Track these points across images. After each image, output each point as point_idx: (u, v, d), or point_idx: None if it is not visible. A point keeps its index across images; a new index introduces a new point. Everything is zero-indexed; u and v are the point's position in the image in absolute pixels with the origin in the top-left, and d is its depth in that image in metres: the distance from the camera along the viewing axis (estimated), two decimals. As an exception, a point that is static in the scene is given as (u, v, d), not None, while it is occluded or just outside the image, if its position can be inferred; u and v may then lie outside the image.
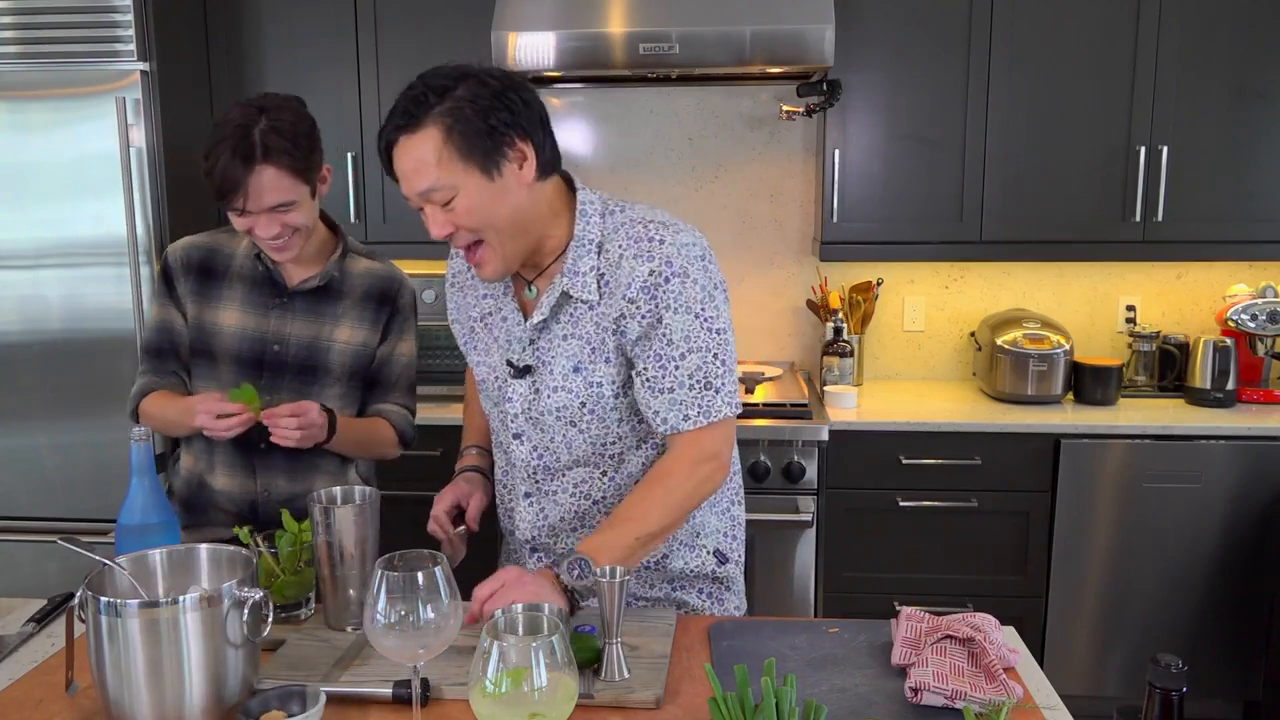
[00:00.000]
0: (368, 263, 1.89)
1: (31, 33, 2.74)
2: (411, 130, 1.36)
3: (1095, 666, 2.94)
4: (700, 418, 1.45)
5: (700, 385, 1.45)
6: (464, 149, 1.36)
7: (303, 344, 1.83)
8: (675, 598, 1.63)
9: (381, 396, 1.90)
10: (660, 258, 1.43)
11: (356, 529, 1.43)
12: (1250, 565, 2.86)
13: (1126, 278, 3.36)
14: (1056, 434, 2.84)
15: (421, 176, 1.37)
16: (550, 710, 1.02)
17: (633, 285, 1.44)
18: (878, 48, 2.98)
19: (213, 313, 1.83)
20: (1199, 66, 2.92)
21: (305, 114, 1.72)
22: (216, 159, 1.64)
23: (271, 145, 1.64)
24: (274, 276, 1.83)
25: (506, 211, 1.41)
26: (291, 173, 1.67)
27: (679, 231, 1.46)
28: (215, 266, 1.85)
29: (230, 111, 1.69)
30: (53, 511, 2.88)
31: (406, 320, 1.92)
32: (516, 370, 1.52)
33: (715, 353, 1.46)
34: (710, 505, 1.62)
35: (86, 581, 1.19)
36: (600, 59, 2.79)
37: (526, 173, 1.41)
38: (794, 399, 2.91)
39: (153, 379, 1.87)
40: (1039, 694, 1.29)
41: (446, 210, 1.39)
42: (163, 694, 1.13)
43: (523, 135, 1.39)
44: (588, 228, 1.47)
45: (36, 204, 2.79)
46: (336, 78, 3.07)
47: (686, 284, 1.44)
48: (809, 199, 3.40)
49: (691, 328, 1.44)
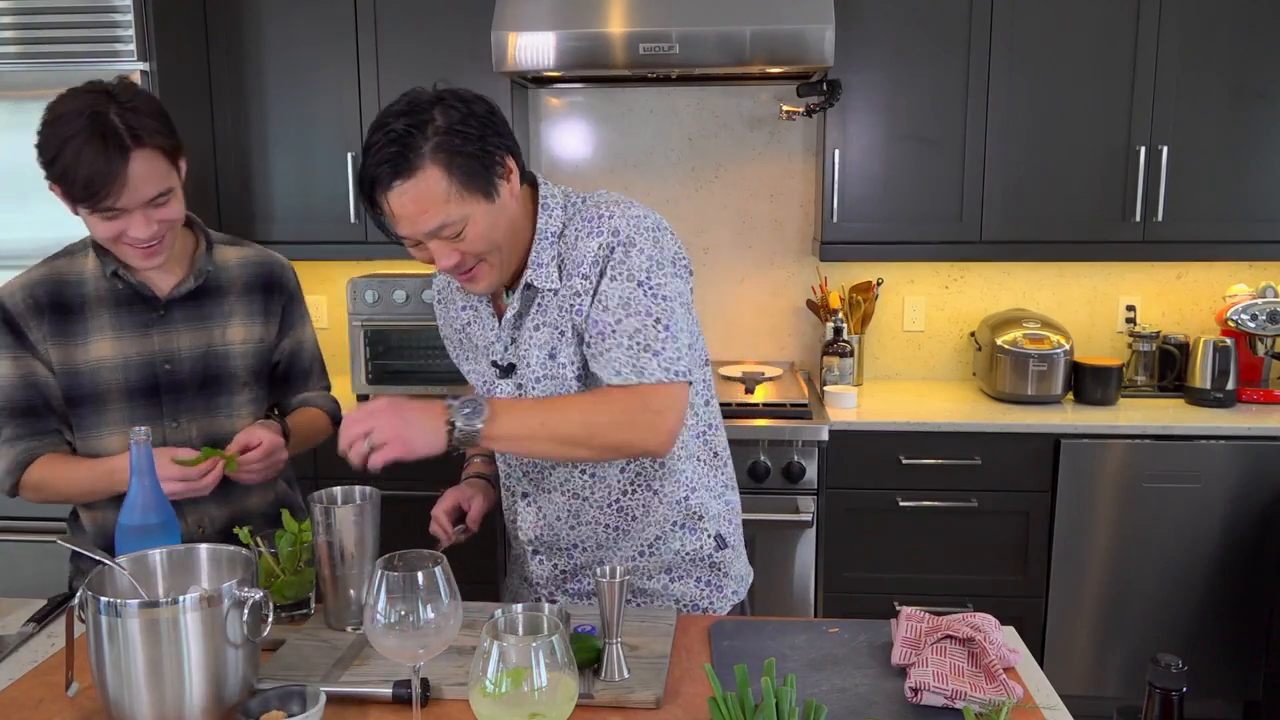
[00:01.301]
0: (238, 251, 1.74)
1: (31, 33, 2.74)
2: (408, 175, 1.33)
3: (1095, 666, 2.94)
4: (631, 375, 1.40)
5: (638, 347, 1.41)
6: (466, 180, 1.35)
7: (196, 356, 1.66)
8: (673, 590, 1.63)
9: (301, 386, 1.81)
10: (608, 230, 1.44)
11: (356, 529, 1.43)
12: (1250, 565, 2.85)
13: (1126, 278, 3.36)
14: (1056, 434, 2.84)
15: (430, 216, 1.35)
16: (550, 710, 1.02)
17: (584, 262, 1.44)
18: (878, 48, 2.98)
19: (82, 351, 1.61)
20: (1199, 66, 2.92)
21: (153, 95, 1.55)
22: (76, 155, 1.42)
23: (140, 127, 1.45)
24: (140, 291, 1.62)
25: (506, 227, 1.42)
26: (166, 157, 1.50)
27: (630, 207, 1.46)
28: (68, 299, 1.61)
29: (63, 103, 1.48)
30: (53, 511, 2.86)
31: (301, 303, 1.80)
32: (501, 370, 1.54)
33: (657, 318, 1.41)
34: (708, 488, 1.62)
35: (86, 581, 1.19)
36: (600, 59, 2.78)
37: (514, 184, 1.42)
38: (794, 399, 2.91)
39: (30, 444, 1.61)
40: (1039, 694, 1.29)
41: (455, 241, 1.38)
42: (163, 694, 1.13)
43: (505, 150, 1.40)
44: (549, 220, 1.48)
45: (36, 204, 2.78)
46: (336, 78, 3.06)
47: (631, 252, 1.43)
48: (809, 199, 3.40)
49: (632, 294, 1.42)
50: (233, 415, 1.70)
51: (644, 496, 1.57)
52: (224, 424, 1.69)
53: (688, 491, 1.59)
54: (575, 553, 1.61)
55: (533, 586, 1.66)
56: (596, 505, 1.57)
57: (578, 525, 1.58)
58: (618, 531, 1.58)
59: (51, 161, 1.45)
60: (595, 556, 1.60)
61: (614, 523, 1.58)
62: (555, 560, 1.62)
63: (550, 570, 1.63)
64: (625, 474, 1.56)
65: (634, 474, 1.56)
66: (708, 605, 1.65)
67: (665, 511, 1.58)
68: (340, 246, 3.14)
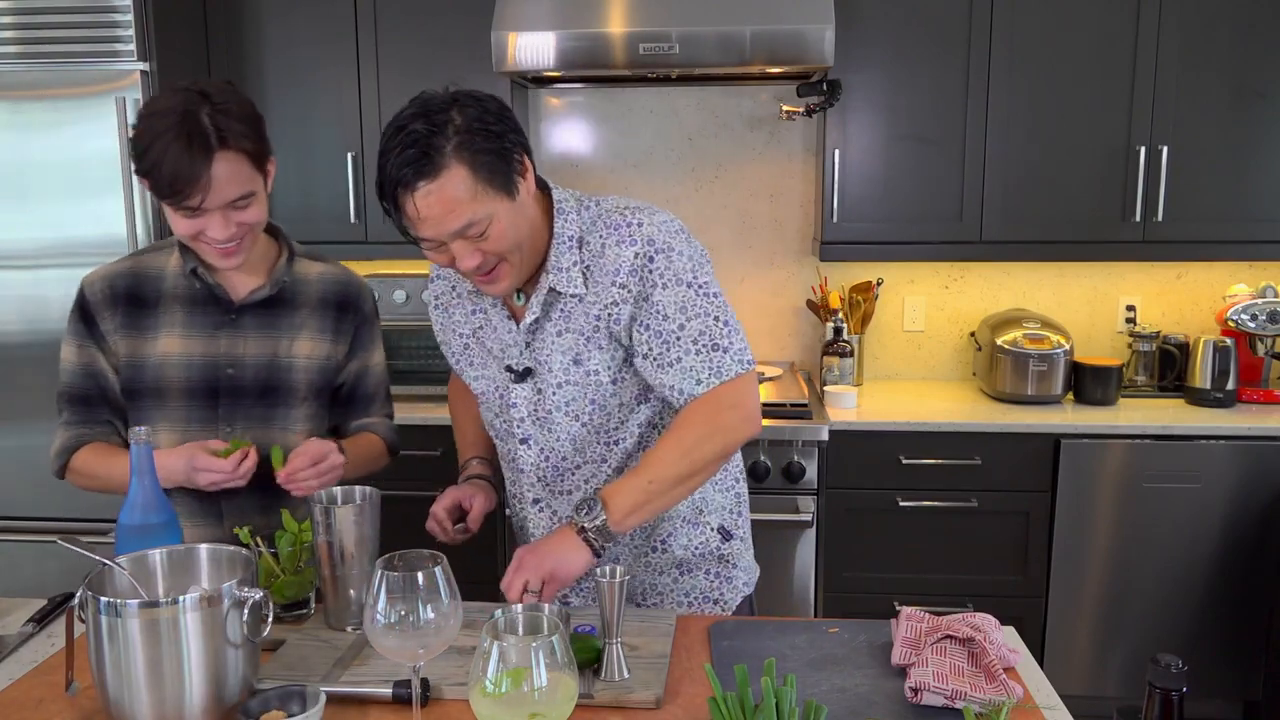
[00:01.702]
0: (319, 266, 1.74)
1: (31, 33, 2.74)
2: (433, 175, 1.32)
3: (1095, 666, 2.94)
4: (713, 378, 1.45)
5: (707, 348, 1.45)
6: (489, 178, 1.35)
7: (260, 364, 1.65)
8: (683, 584, 1.63)
9: (363, 411, 1.78)
10: (643, 239, 1.45)
11: (356, 529, 1.43)
12: (1250, 565, 2.85)
13: (1126, 278, 3.36)
14: (1056, 434, 2.84)
15: (456, 216, 1.34)
16: (550, 710, 1.02)
17: (620, 271, 1.45)
18: (878, 48, 2.98)
19: (150, 345, 1.63)
20: (1199, 66, 2.92)
21: (248, 98, 1.57)
22: (163, 152, 1.44)
23: (227, 130, 1.47)
24: (216, 293, 1.63)
25: (526, 226, 1.43)
26: (251, 161, 1.51)
27: (654, 213, 1.49)
28: (144, 293, 1.64)
29: (160, 100, 1.49)
30: (53, 511, 2.88)
31: (374, 328, 1.78)
32: (517, 375, 1.53)
33: (716, 315, 1.46)
34: (714, 483, 1.63)
35: (86, 581, 1.19)
36: (600, 59, 2.78)
37: (530, 184, 1.42)
38: (794, 399, 2.91)
39: (81, 430, 1.64)
40: (1039, 694, 1.29)
41: (479, 241, 1.37)
42: (163, 694, 1.13)
43: (521, 148, 1.40)
44: (566, 224, 1.48)
45: (36, 204, 2.79)
46: (336, 78, 3.06)
47: (673, 258, 1.45)
48: (809, 199, 3.40)
49: (686, 297, 1.45)
50: (288, 428, 1.67)
51: None
52: (278, 436, 1.66)
53: None
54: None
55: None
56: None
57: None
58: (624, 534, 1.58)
59: (141, 156, 1.47)
60: (607, 555, 1.59)
61: None
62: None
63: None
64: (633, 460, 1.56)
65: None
66: (718, 597, 1.65)
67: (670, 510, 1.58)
68: (340, 246, 3.14)
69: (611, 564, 1.44)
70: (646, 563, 1.62)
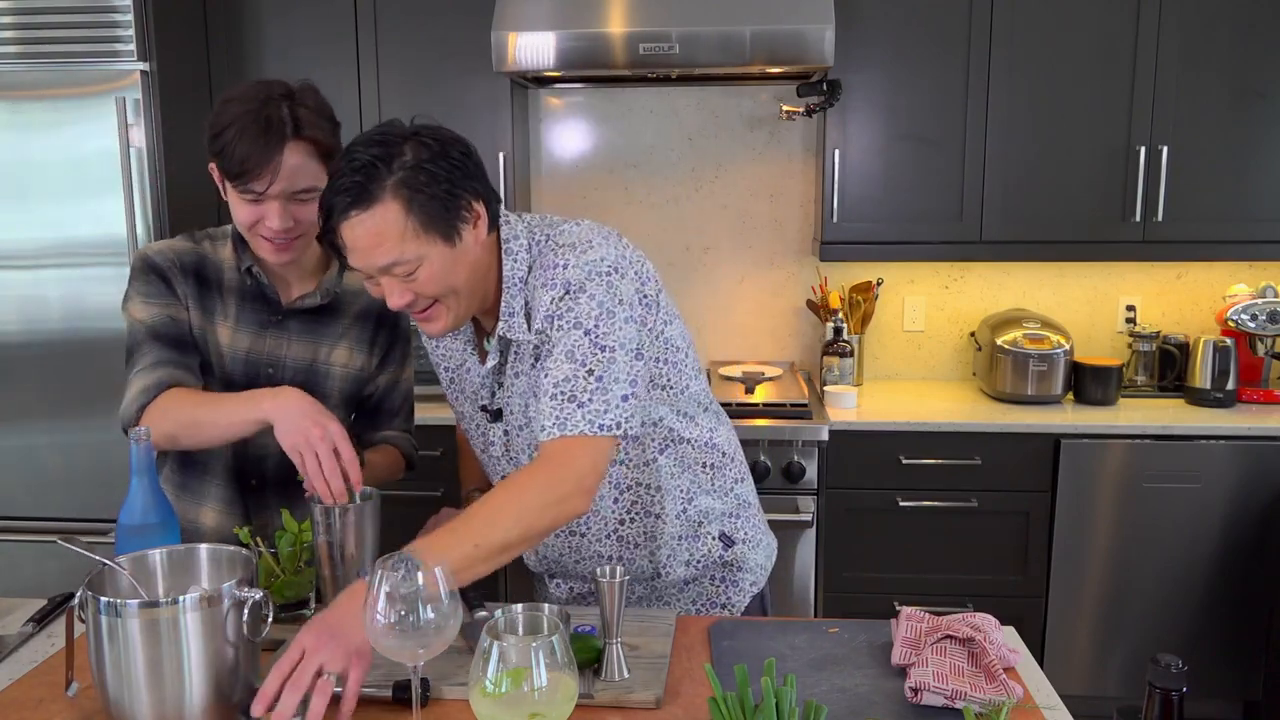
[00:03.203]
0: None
1: (31, 33, 2.74)
2: (366, 206, 1.28)
3: (1095, 666, 2.94)
4: (554, 429, 1.33)
5: (563, 396, 1.34)
6: (424, 220, 1.30)
7: (299, 368, 1.66)
8: (688, 591, 1.64)
9: (386, 423, 1.78)
10: (560, 282, 1.39)
11: (356, 529, 1.43)
12: (1250, 565, 2.85)
13: (1126, 278, 3.36)
14: (1056, 434, 2.84)
15: (383, 252, 1.30)
16: (550, 710, 1.02)
17: (540, 315, 1.40)
18: (878, 48, 2.98)
19: (211, 327, 1.63)
20: (1199, 66, 2.92)
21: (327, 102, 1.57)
22: (240, 132, 1.45)
23: (304, 121, 1.48)
24: (267, 293, 1.64)
25: (466, 273, 1.37)
26: (321, 156, 1.51)
27: (588, 250, 1.40)
28: (208, 275, 1.64)
29: (242, 88, 1.50)
30: (53, 511, 2.88)
31: (408, 345, 1.78)
32: (491, 415, 1.53)
33: (591, 368, 1.35)
34: (710, 490, 1.60)
35: (86, 581, 1.19)
36: (600, 59, 2.78)
37: (480, 230, 1.37)
38: (794, 399, 2.91)
39: (174, 371, 1.55)
40: (1039, 694, 1.29)
41: (407, 281, 1.33)
42: (163, 694, 1.13)
43: (475, 194, 1.35)
44: (515, 266, 1.43)
45: (36, 204, 2.79)
46: (336, 78, 3.06)
47: (580, 300, 1.37)
48: (809, 199, 3.40)
49: (575, 342, 1.36)
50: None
51: (644, 522, 1.56)
52: None
53: (684, 504, 1.58)
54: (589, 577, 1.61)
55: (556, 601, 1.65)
56: (594, 538, 1.57)
57: (581, 559, 1.59)
58: (621, 560, 1.58)
59: (216, 136, 1.47)
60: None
61: (614, 552, 1.58)
62: (571, 584, 1.64)
63: (567, 592, 1.65)
64: (619, 504, 1.55)
65: (630, 502, 1.55)
66: (725, 601, 1.65)
67: (668, 529, 1.57)
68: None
69: (612, 564, 1.45)
70: (651, 586, 1.62)
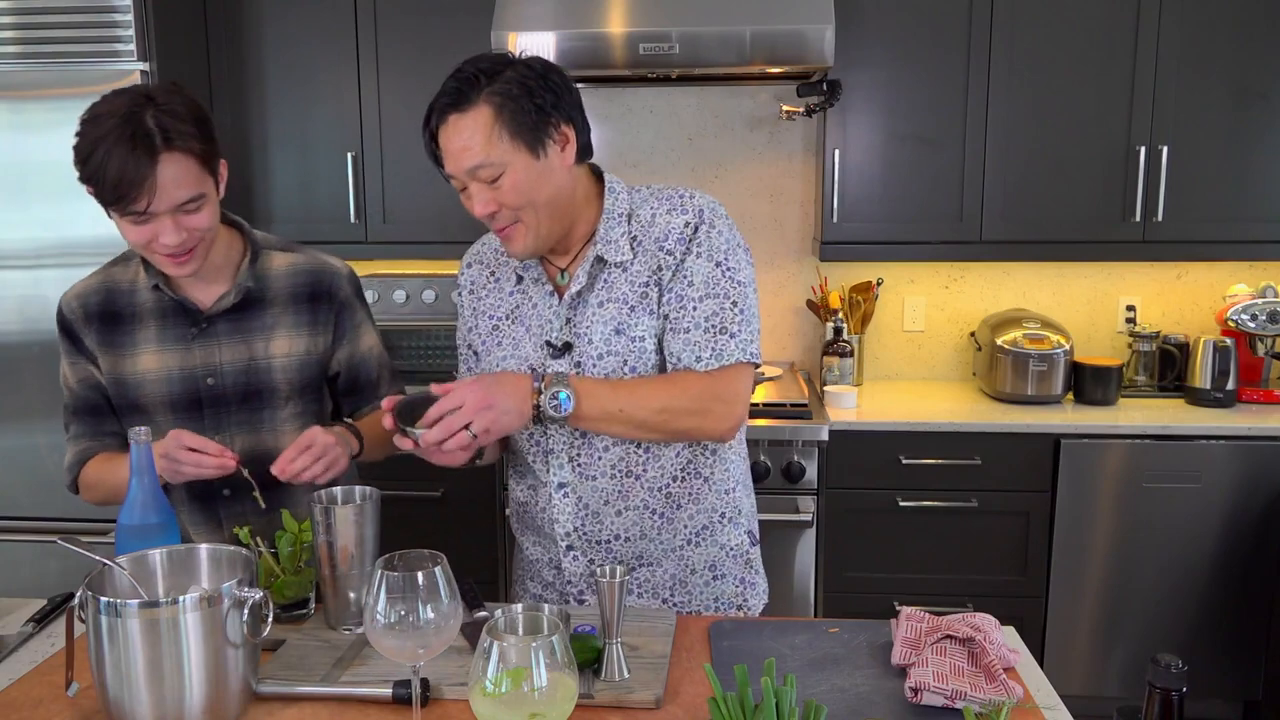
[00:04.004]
0: (287, 257, 1.69)
1: (31, 33, 2.74)
2: (462, 109, 1.39)
3: (1095, 666, 2.94)
4: (712, 360, 1.48)
5: (715, 329, 1.49)
6: (513, 128, 1.40)
7: (238, 370, 1.63)
8: (713, 589, 1.63)
9: (371, 396, 1.75)
10: (693, 209, 1.51)
11: (356, 529, 1.43)
12: (1250, 565, 2.85)
13: (1126, 278, 3.36)
14: (1056, 434, 2.84)
15: (471, 154, 1.40)
16: (550, 710, 1.02)
17: (669, 237, 1.50)
18: (878, 48, 2.98)
19: (129, 362, 1.62)
20: (1199, 66, 2.92)
21: (195, 98, 1.52)
22: (107, 155, 1.39)
23: (173, 130, 1.42)
24: (184, 304, 1.61)
25: (549, 191, 1.45)
26: (200, 162, 1.46)
27: (705, 195, 1.56)
28: (118, 309, 1.62)
29: (102, 104, 1.44)
30: (53, 511, 2.87)
31: (357, 311, 1.73)
32: (556, 350, 1.53)
33: (734, 300, 1.50)
34: (744, 485, 1.67)
35: (86, 581, 1.18)
36: (600, 59, 2.79)
37: (568, 155, 1.46)
38: (794, 399, 2.91)
39: (89, 444, 1.65)
40: (1039, 694, 1.29)
41: (493, 188, 1.42)
42: (163, 694, 1.13)
43: (566, 119, 1.45)
44: (616, 202, 1.54)
45: (36, 204, 2.79)
46: (336, 78, 3.06)
47: (713, 234, 1.50)
48: (809, 199, 3.40)
49: (712, 274, 1.49)
50: (276, 429, 1.66)
51: (694, 485, 1.57)
52: (267, 439, 1.65)
53: (733, 484, 1.62)
54: (616, 545, 1.57)
55: (561, 588, 1.62)
56: (647, 487, 1.54)
57: (625, 509, 1.55)
58: (662, 519, 1.56)
59: (84, 161, 1.42)
60: (637, 549, 1.57)
61: (660, 508, 1.56)
62: (592, 555, 1.59)
63: (585, 566, 1.59)
64: (679, 458, 1.56)
65: (687, 459, 1.56)
66: (742, 603, 1.65)
67: (713, 501, 1.59)
68: (340, 246, 3.13)
69: (612, 564, 1.44)
70: (680, 556, 1.60)
